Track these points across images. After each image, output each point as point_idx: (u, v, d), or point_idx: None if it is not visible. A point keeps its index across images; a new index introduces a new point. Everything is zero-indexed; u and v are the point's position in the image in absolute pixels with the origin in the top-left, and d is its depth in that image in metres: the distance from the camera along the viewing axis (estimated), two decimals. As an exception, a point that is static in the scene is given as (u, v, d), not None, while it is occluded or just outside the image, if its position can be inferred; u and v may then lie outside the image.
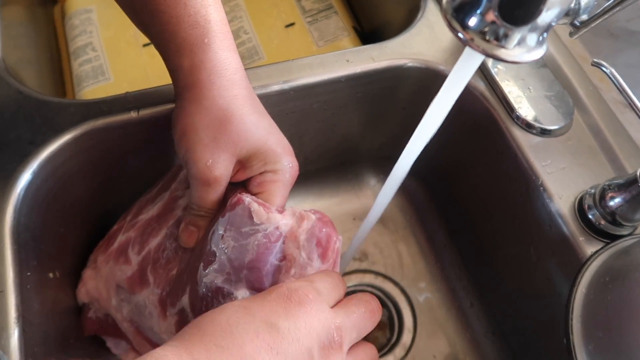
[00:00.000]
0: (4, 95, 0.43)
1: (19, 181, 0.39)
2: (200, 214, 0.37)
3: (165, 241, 0.39)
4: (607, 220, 0.40)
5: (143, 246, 0.40)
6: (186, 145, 0.36)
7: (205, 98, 0.35)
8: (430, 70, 0.50)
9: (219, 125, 0.35)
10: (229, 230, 0.34)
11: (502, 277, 0.52)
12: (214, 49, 0.36)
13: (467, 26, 0.23)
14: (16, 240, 0.38)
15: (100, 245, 0.45)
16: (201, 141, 0.35)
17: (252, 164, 0.37)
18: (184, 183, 0.41)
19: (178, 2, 0.35)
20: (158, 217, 0.41)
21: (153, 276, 0.39)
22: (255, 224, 0.34)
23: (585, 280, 0.38)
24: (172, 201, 0.41)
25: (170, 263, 0.39)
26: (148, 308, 0.39)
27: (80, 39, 0.63)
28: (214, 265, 0.34)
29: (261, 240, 0.33)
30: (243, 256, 0.34)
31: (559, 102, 0.47)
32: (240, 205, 0.34)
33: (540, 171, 0.44)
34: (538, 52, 0.23)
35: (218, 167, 0.35)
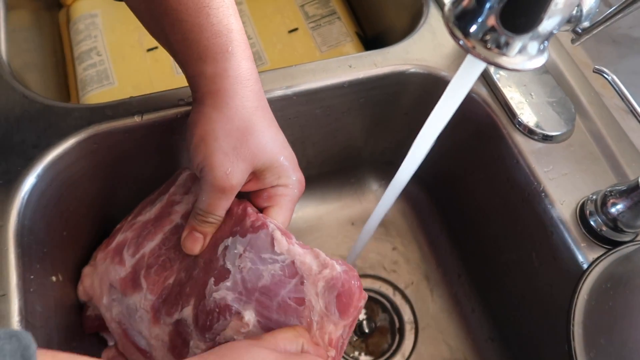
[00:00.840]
0: (9, 99, 0.43)
1: (24, 185, 0.40)
2: (208, 221, 0.37)
3: (162, 247, 0.39)
4: (608, 226, 0.41)
5: (138, 249, 0.40)
6: (205, 152, 0.35)
7: (228, 107, 0.36)
8: (432, 76, 0.50)
9: (240, 135, 0.36)
10: (249, 252, 0.35)
11: (504, 282, 0.52)
12: (237, 58, 0.36)
13: (469, 34, 0.23)
14: (20, 243, 0.38)
15: (102, 243, 0.45)
16: (221, 149, 0.35)
17: (266, 177, 0.38)
18: (182, 188, 0.41)
19: (200, 11, 0.35)
20: (154, 220, 0.41)
21: (146, 281, 0.39)
22: (275, 253, 0.34)
23: (586, 286, 0.38)
24: (169, 205, 0.41)
25: (165, 271, 0.39)
26: (139, 312, 0.39)
27: (85, 43, 0.63)
28: (226, 282, 0.34)
29: (277, 272, 0.34)
30: (257, 280, 0.34)
31: (561, 108, 0.47)
32: (264, 230, 0.35)
33: (542, 177, 0.44)
34: (539, 60, 0.24)
35: (236, 176, 0.36)
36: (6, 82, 0.44)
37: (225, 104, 0.36)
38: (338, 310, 0.33)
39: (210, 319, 0.35)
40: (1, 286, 0.36)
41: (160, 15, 0.36)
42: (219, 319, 0.34)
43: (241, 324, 0.34)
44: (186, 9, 0.35)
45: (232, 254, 0.35)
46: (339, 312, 0.33)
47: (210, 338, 0.35)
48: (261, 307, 0.34)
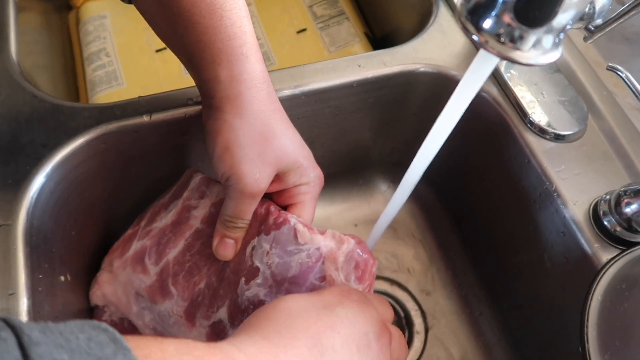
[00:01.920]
0: (19, 99, 0.44)
1: (33, 184, 0.40)
2: (238, 226, 0.38)
3: (185, 253, 0.40)
4: (622, 226, 0.40)
5: (160, 257, 0.40)
6: (231, 161, 0.36)
7: (248, 112, 0.36)
8: (442, 76, 0.50)
9: (263, 141, 0.36)
10: (275, 248, 0.37)
11: (515, 283, 0.51)
12: (251, 61, 0.36)
13: (482, 28, 0.23)
14: (28, 242, 0.38)
15: (115, 249, 0.45)
16: (247, 156, 0.35)
17: (288, 178, 0.38)
18: (196, 192, 0.41)
19: (214, 13, 0.35)
20: (172, 227, 0.41)
21: (176, 288, 0.39)
22: (300, 244, 0.36)
23: (600, 287, 0.37)
24: (186, 210, 0.41)
25: (194, 276, 0.39)
26: (173, 318, 0.40)
27: (94, 44, 0.63)
28: (257, 280, 0.37)
29: (304, 260, 0.36)
30: (286, 272, 0.36)
31: (573, 107, 0.46)
32: (286, 225, 0.37)
33: (554, 177, 0.44)
34: (554, 54, 0.23)
35: (264, 181, 0.36)
36: (16, 82, 0.45)
37: (245, 110, 0.36)
38: (356, 278, 0.36)
39: (246, 316, 0.36)
40: (10, 285, 0.36)
41: (173, 17, 0.35)
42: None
43: None
44: (199, 10, 0.34)
45: (259, 252, 0.37)
46: (357, 279, 0.36)
47: None
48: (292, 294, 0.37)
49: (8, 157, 0.40)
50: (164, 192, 0.46)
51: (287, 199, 0.39)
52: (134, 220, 0.46)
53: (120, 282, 0.43)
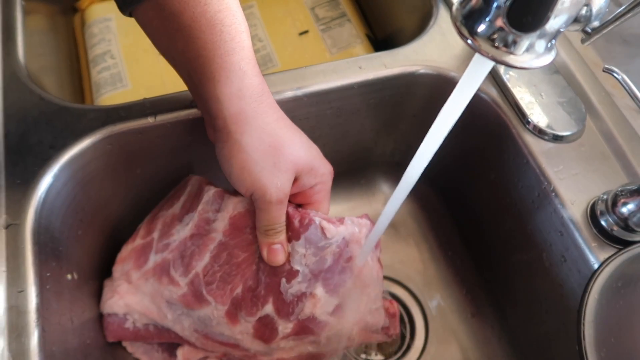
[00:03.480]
0: (26, 101, 0.44)
1: (41, 184, 0.40)
2: (277, 231, 0.40)
3: (214, 264, 0.42)
4: (619, 226, 0.40)
5: (188, 269, 0.42)
6: (250, 178, 0.37)
7: (254, 128, 0.37)
8: (442, 77, 0.50)
9: (275, 151, 0.37)
10: (308, 249, 0.40)
11: (514, 282, 0.52)
12: (249, 75, 0.37)
13: (476, 33, 0.23)
14: (37, 241, 0.39)
15: (125, 258, 0.46)
16: (264, 170, 0.37)
17: (304, 180, 0.40)
18: (212, 205, 0.43)
19: (214, 28, 0.35)
20: (192, 239, 0.43)
21: (212, 296, 0.42)
22: (328, 239, 0.40)
23: (597, 286, 0.38)
24: (205, 223, 0.42)
25: (228, 284, 0.42)
26: (215, 320, 0.43)
27: (99, 46, 0.64)
28: (297, 279, 0.41)
29: (335, 250, 0.41)
30: (322, 265, 0.41)
31: (572, 108, 0.47)
32: (312, 224, 0.40)
33: (552, 177, 0.44)
34: (547, 58, 0.24)
35: (286, 185, 0.38)
36: (24, 84, 0.45)
37: (251, 126, 0.36)
38: (376, 248, 0.44)
39: (292, 307, 0.42)
40: (20, 283, 0.37)
41: (173, 32, 0.36)
42: (297, 304, 0.41)
43: (315, 300, 0.41)
44: (199, 25, 0.35)
45: (297, 257, 0.41)
46: (377, 249, 0.45)
47: (294, 318, 0.42)
48: (326, 281, 0.42)
49: (16, 158, 0.41)
50: (167, 200, 0.47)
51: (305, 199, 0.41)
52: (139, 229, 0.47)
53: (145, 292, 0.45)
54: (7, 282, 0.37)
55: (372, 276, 0.44)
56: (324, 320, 0.43)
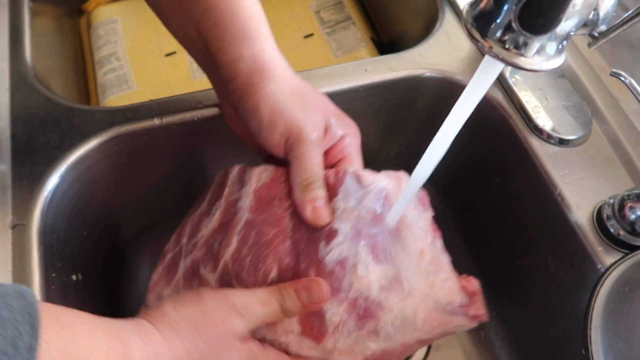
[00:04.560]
0: (33, 102, 0.45)
1: (47, 184, 0.41)
2: (319, 184, 0.36)
3: (241, 249, 0.37)
4: (626, 230, 0.40)
5: (216, 262, 0.37)
6: (284, 119, 0.36)
7: (278, 76, 0.37)
8: (447, 81, 0.50)
9: (301, 93, 0.37)
10: (347, 201, 0.35)
11: (520, 286, 0.52)
12: (270, 40, 0.38)
13: (487, 35, 0.23)
14: (42, 241, 0.39)
15: (156, 282, 0.42)
16: (295, 108, 0.36)
17: (333, 128, 0.38)
18: (237, 185, 0.39)
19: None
20: (220, 228, 0.38)
21: (243, 287, 0.36)
22: (365, 186, 0.36)
23: (604, 290, 0.37)
24: (231, 206, 0.39)
25: (259, 269, 0.36)
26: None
27: (105, 48, 0.64)
28: (337, 239, 0.35)
29: (374, 201, 0.36)
30: (363, 219, 0.35)
31: (577, 112, 0.47)
32: (347, 175, 0.36)
33: (558, 181, 0.44)
34: (557, 60, 0.24)
35: (321, 124, 0.37)
36: (31, 86, 0.46)
37: (275, 74, 0.37)
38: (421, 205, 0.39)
39: (337, 280, 0.35)
40: (25, 283, 0.37)
41: (189, 4, 0.37)
42: (344, 275, 0.35)
43: (362, 266, 0.35)
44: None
45: (337, 214, 0.35)
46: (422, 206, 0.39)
47: (344, 296, 0.35)
48: (371, 240, 0.35)
49: (23, 158, 0.41)
50: (196, 204, 0.44)
51: (336, 155, 0.39)
52: (166, 249, 0.43)
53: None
54: (13, 282, 0.37)
55: (427, 239, 0.38)
56: (381, 298, 0.35)
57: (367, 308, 0.35)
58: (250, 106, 0.36)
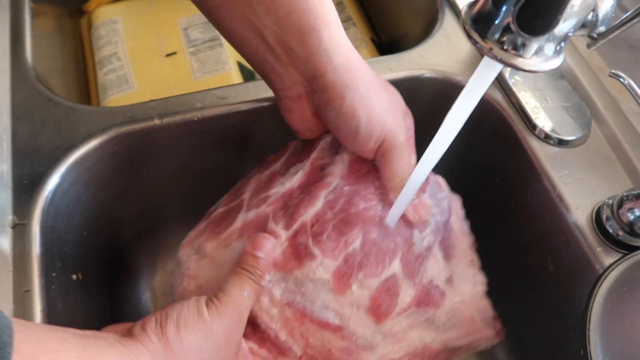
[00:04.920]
0: (34, 102, 0.45)
1: (48, 184, 0.41)
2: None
3: (327, 211, 0.35)
4: (625, 231, 0.40)
5: (293, 219, 0.35)
6: (380, 124, 0.36)
7: (364, 72, 0.36)
8: (447, 81, 0.50)
9: (387, 93, 0.37)
10: (433, 199, 0.39)
11: (519, 287, 0.52)
12: (341, 26, 0.36)
13: (486, 36, 0.23)
14: (43, 241, 0.39)
15: (193, 238, 0.40)
16: (389, 113, 0.36)
17: (409, 123, 0.39)
18: (328, 151, 0.39)
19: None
20: (301, 189, 0.37)
21: (320, 249, 0.34)
22: (444, 191, 0.40)
23: (603, 290, 0.37)
24: (318, 170, 0.38)
25: (343, 235, 0.35)
26: (318, 283, 0.35)
27: (105, 49, 0.65)
28: (428, 229, 0.38)
29: (445, 207, 0.40)
30: (442, 219, 0.39)
31: (577, 113, 0.47)
32: (430, 176, 0.39)
33: (557, 181, 0.44)
34: (555, 61, 0.24)
35: (411, 126, 0.38)
36: (32, 86, 0.46)
37: (362, 73, 0.36)
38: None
39: (418, 264, 0.37)
40: (25, 282, 0.37)
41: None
42: (422, 262, 0.37)
43: (435, 260, 0.38)
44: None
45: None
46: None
47: (418, 280, 0.37)
48: (444, 241, 0.39)
49: (24, 158, 0.42)
50: (259, 168, 0.41)
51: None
52: (212, 209, 0.42)
53: (225, 261, 0.37)
54: (14, 282, 0.37)
55: (471, 250, 0.41)
56: (443, 289, 0.37)
57: (433, 294, 0.37)
58: (347, 111, 0.35)
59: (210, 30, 0.65)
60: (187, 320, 0.31)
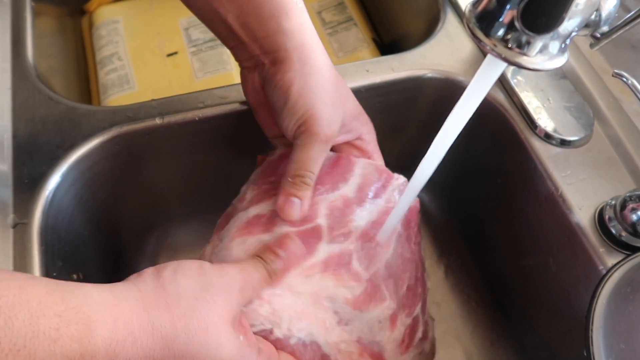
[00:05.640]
0: (35, 102, 0.45)
1: (48, 184, 0.41)
2: (305, 182, 0.37)
3: (395, 257, 0.39)
4: (628, 231, 0.40)
5: (372, 262, 0.38)
6: (305, 106, 0.36)
7: (315, 60, 0.37)
8: (449, 81, 0.50)
9: (330, 86, 0.37)
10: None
11: (521, 288, 0.52)
12: (305, 13, 0.37)
13: (490, 34, 0.23)
14: (44, 241, 0.39)
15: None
16: (320, 100, 0.36)
17: (353, 125, 0.39)
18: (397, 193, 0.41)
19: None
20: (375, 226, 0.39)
21: (388, 292, 0.38)
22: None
23: (605, 291, 0.37)
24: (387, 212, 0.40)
25: (399, 279, 0.38)
26: (380, 323, 0.38)
27: (106, 48, 0.65)
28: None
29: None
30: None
31: (579, 113, 0.47)
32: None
33: (559, 182, 0.44)
34: (560, 60, 0.24)
35: (336, 124, 0.37)
36: (32, 85, 0.46)
37: (313, 58, 0.37)
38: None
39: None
40: (26, 282, 0.37)
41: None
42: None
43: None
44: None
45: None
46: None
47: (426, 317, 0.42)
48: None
49: (25, 157, 0.41)
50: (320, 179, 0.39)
51: (356, 151, 0.41)
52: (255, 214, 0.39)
53: (302, 293, 0.36)
54: (14, 282, 0.37)
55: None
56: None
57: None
58: (283, 84, 0.37)
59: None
60: (186, 269, 0.30)
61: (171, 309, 0.28)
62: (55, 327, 0.23)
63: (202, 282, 0.30)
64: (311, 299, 0.36)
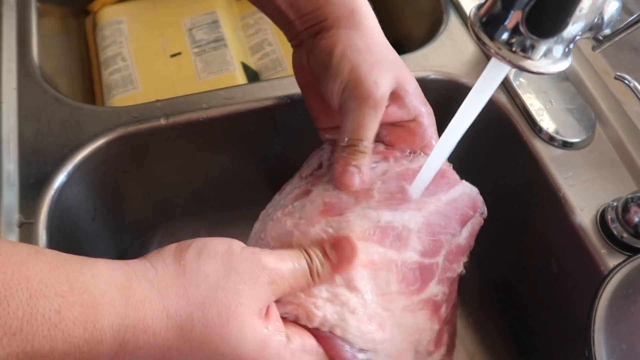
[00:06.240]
0: (41, 102, 0.45)
1: (54, 183, 0.41)
2: (360, 149, 0.34)
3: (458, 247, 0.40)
4: (629, 233, 0.40)
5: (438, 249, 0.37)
6: (349, 66, 0.33)
7: (364, 26, 0.35)
8: (452, 83, 0.50)
9: (380, 49, 0.35)
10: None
11: (522, 289, 0.52)
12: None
13: (494, 38, 0.23)
14: (49, 240, 0.39)
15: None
16: (366, 61, 0.33)
17: (408, 98, 0.36)
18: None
19: None
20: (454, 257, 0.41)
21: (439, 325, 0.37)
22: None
23: (607, 292, 0.37)
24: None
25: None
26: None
27: (110, 49, 0.65)
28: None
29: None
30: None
31: (581, 115, 0.47)
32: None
33: (561, 183, 0.44)
34: (563, 63, 0.24)
35: (384, 86, 0.33)
36: (38, 85, 0.46)
37: (362, 24, 0.35)
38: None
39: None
40: (32, 281, 0.37)
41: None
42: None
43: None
44: None
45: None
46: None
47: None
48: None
49: (30, 157, 0.42)
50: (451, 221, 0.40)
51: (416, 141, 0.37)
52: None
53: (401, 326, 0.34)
54: (20, 281, 0.37)
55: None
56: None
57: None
58: (327, 47, 0.35)
59: (214, 31, 0.65)
60: (211, 250, 0.27)
61: (189, 296, 0.25)
62: (56, 309, 0.21)
63: (227, 268, 0.26)
64: (405, 335, 0.34)
